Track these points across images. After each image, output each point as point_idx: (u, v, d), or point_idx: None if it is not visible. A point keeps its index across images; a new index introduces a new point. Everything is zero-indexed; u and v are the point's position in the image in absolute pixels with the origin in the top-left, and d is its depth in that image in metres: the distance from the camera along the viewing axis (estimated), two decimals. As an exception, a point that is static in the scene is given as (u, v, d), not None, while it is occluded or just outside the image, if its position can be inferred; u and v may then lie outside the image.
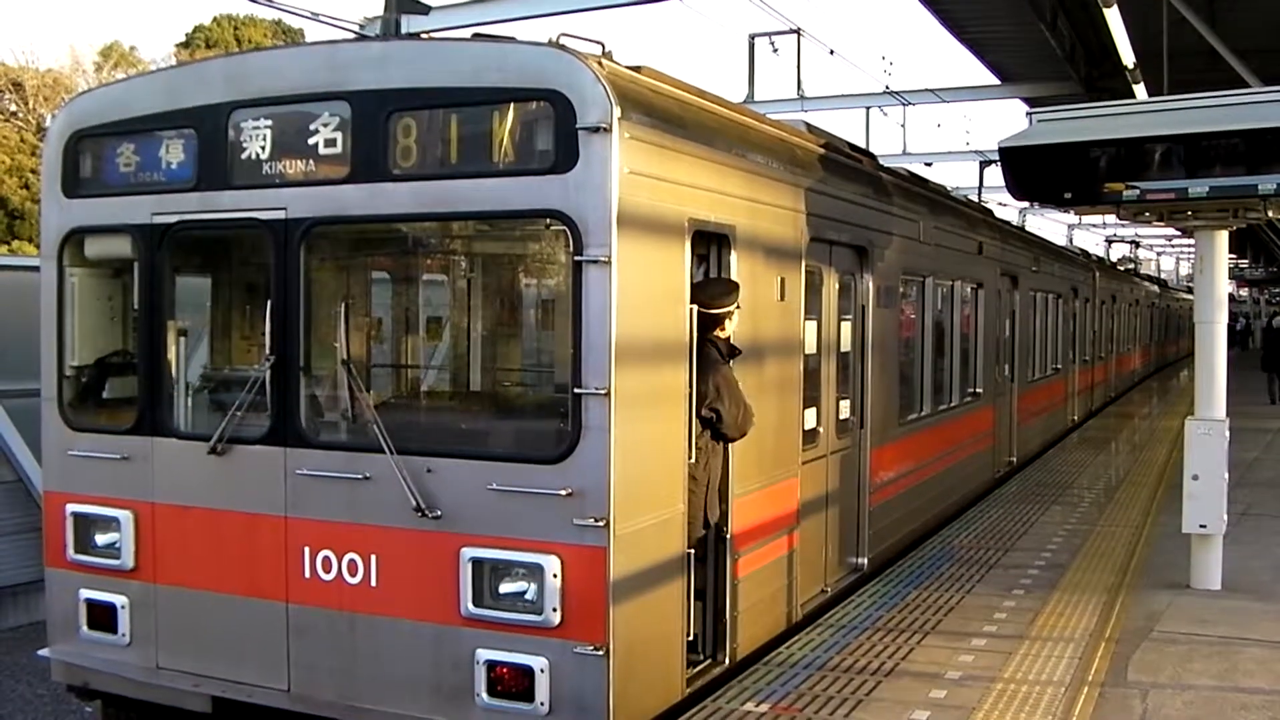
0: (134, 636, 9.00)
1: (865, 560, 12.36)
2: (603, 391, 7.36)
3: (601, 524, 7.39)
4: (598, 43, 8.03)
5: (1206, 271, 11.70)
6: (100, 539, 9.13)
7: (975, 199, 21.59)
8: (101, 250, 9.35)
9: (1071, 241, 51.94)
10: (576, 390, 7.43)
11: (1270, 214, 11.38)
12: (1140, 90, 24.09)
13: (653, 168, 7.86)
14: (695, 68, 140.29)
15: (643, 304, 7.77)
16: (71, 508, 9.21)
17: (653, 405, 7.97)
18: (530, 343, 9.94)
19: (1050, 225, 51.68)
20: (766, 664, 9.37)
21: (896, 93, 30.63)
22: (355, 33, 23.01)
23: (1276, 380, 34.35)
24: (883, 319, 12.56)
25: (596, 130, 7.33)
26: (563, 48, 7.67)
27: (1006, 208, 28.72)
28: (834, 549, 11.63)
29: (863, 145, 13.54)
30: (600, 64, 7.65)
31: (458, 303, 10.12)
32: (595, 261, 7.35)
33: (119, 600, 9.03)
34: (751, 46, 27.13)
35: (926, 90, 31.58)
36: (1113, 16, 19.19)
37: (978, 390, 17.41)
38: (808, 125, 11.91)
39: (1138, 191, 10.60)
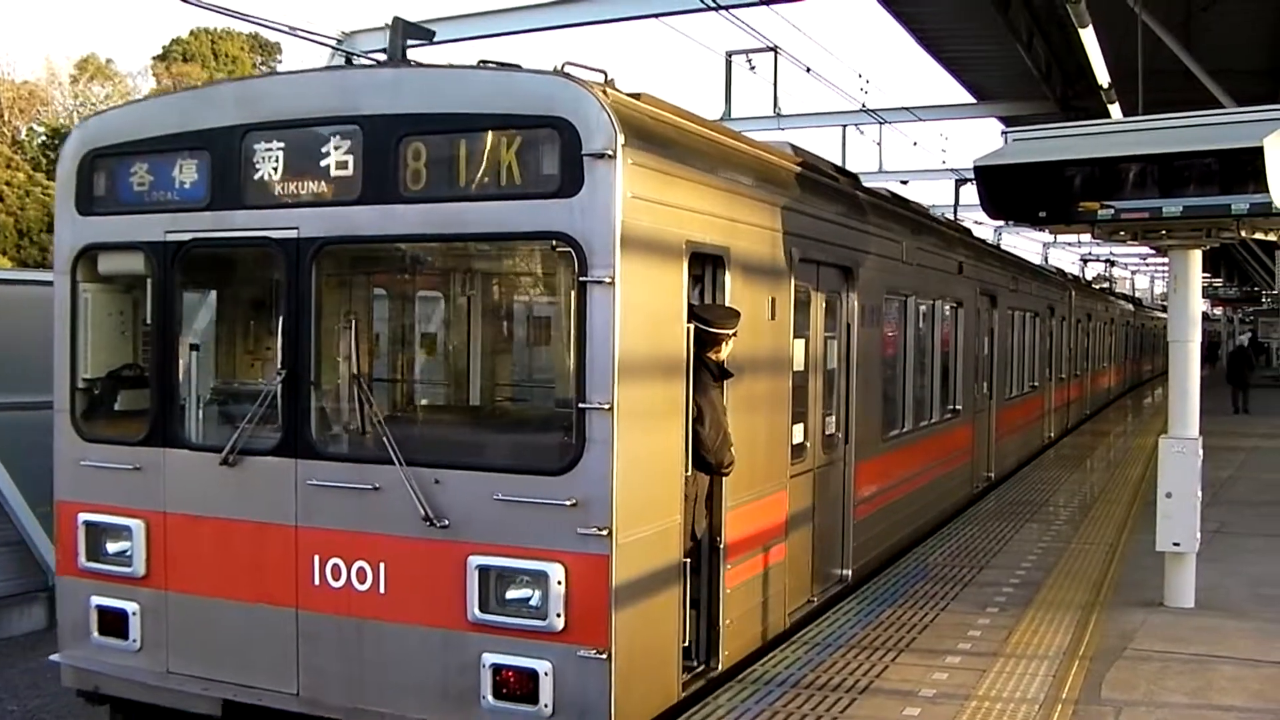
0: (145, 642, 9.21)
1: (850, 572, 12.59)
2: (606, 406, 7.66)
3: (605, 533, 7.67)
4: (600, 71, 8.35)
5: (1180, 290, 11.75)
6: (112, 547, 9.33)
7: (951, 217, 21.66)
8: (114, 266, 9.57)
9: (1047, 260, 52.19)
10: (581, 405, 7.71)
11: (1243, 233, 11.43)
12: (1115, 110, 24.22)
13: (653, 192, 8.12)
14: (673, 85, 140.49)
15: (644, 323, 8.08)
16: (83, 517, 9.42)
17: (652, 420, 8.26)
18: (535, 359, 10.28)
19: (1026, 244, 51.88)
20: (741, 681, 9.36)
21: (873, 111, 30.71)
22: (332, 47, 23.02)
23: (1240, 393, 38.09)
24: (867, 337, 12.85)
25: (601, 156, 7.63)
26: (568, 76, 7.98)
27: (982, 226, 28.81)
28: (820, 561, 11.84)
29: (839, 164, 13.63)
30: (605, 92, 7.94)
31: (464, 320, 10.28)
32: (599, 282, 7.65)
33: (130, 607, 9.23)
34: (729, 65, 27.20)
35: (903, 109, 31.68)
36: (1088, 37, 19.29)
37: (957, 407, 17.75)
38: (793, 147, 12.13)
39: (1112, 211, 10.63)
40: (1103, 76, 22.25)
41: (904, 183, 37.72)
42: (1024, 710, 8.78)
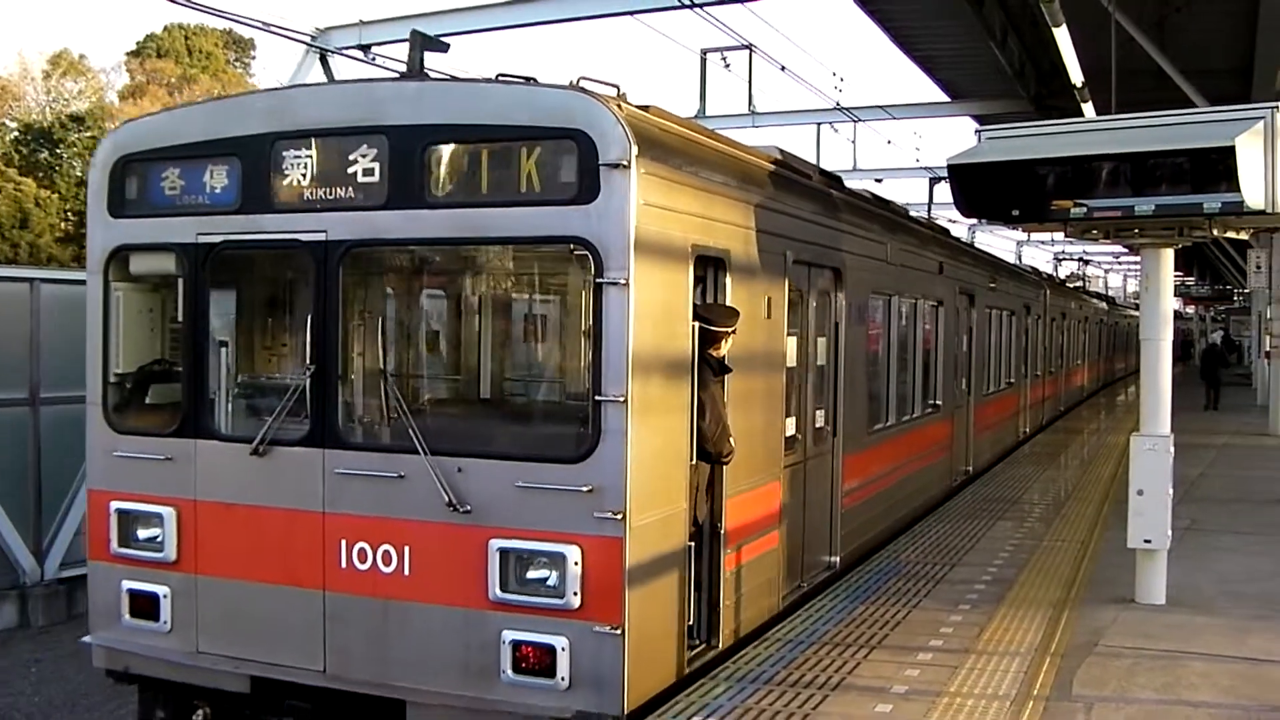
0: (175, 623, 9.66)
1: (837, 559, 13.09)
2: (621, 399, 8.22)
3: (619, 517, 8.21)
4: (614, 85, 8.91)
5: (1152, 289, 11.79)
6: (143, 534, 9.79)
7: (925, 215, 21.80)
8: (145, 266, 10.10)
9: (1021, 258, 52.33)
10: (597, 397, 8.28)
11: (1215, 232, 11.46)
12: (1089, 109, 24.30)
13: (663, 199, 8.67)
14: (648, 83, 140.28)
15: (654, 321, 8.62)
16: (115, 505, 9.88)
17: (662, 412, 8.80)
18: (552, 355, 10.71)
19: (1000, 242, 51.97)
20: (713, 678, 9.37)
21: (847, 109, 30.76)
22: (306, 43, 22.98)
23: (1212, 390, 38.80)
24: (854, 335, 13.43)
25: (617, 166, 8.17)
26: (585, 91, 8.55)
27: (956, 224, 28.90)
28: (810, 548, 12.42)
29: (813, 162, 13.87)
30: (620, 106, 8.50)
31: (483, 318, 10.71)
32: (614, 283, 8.21)
33: (161, 590, 9.70)
34: (704, 62, 27.20)
35: (877, 107, 31.73)
36: (1062, 36, 19.36)
37: (938, 403, 18.25)
38: (781, 151, 12.43)
39: (1085, 209, 10.66)
40: (1076, 76, 22.33)
41: (878, 181, 37.78)
42: (995, 707, 8.81)
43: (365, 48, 23.91)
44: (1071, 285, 48.08)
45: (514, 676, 8.45)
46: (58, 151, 61.81)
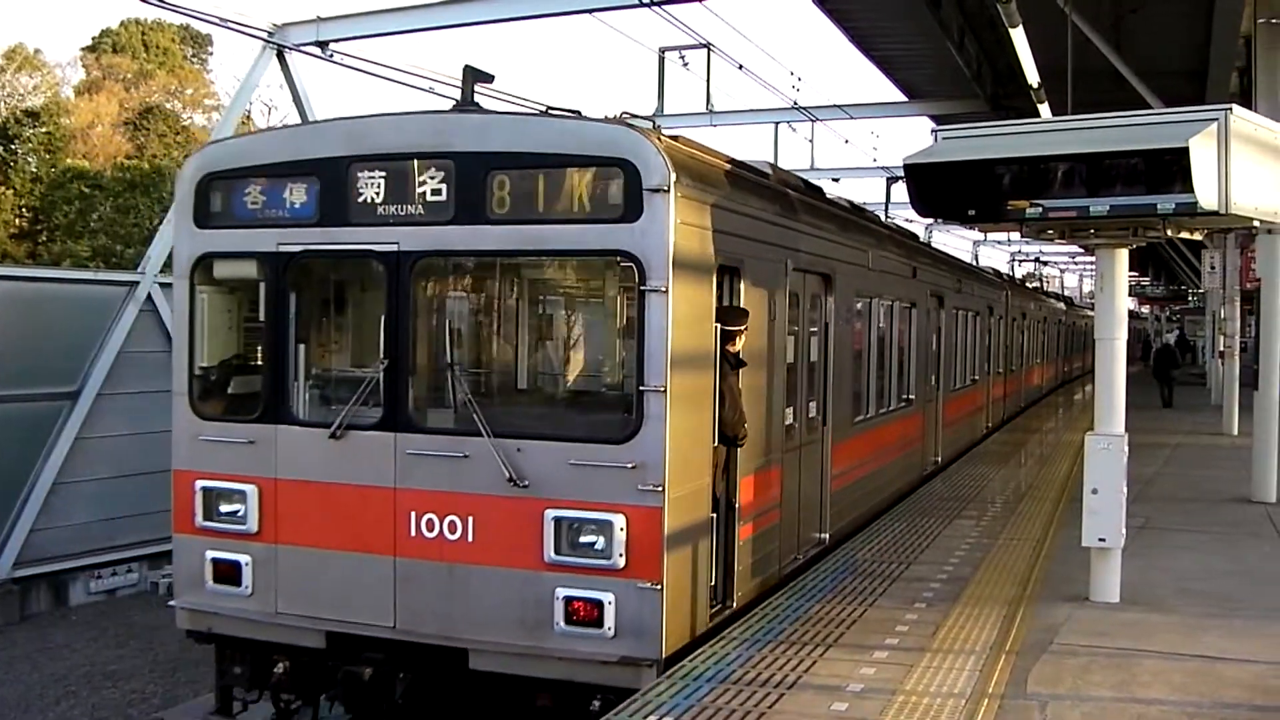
0: (256, 588, 10.91)
1: (828, 536, 14.44)
2: (660, 389, 9.63)
3: (659, 489, 9.59)
4: (650, 119, 10.68)
5: (1107, 289, 11.85)
6: (226, 508, 11.01)
7: (882, 215, 21.99)
8: (227, 272, 11.38)
9: (977, 259, 52.55)
10: (640, 387, 9.69)
11: (1169, 233, 11.52)
12: (1045, 110, 24.43)
13: (694, 218, 10.08)
14: (606, 81, 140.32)
15: (686, 322, 9.94)
16: (200, 483, 11.13)
17: (692, 400, 10.15)
18: (600, 351, 11.83)
19: (957, 241, 52.17)
20: (670, 677, 9.37)
21: (805, 109, 30.81)
22: (263, 40, 22.86)
23: (1166, 388, 39.53)
24: (841, 334, 14.84)
25: (658, 190, 9.56)
26: (629, 125, 10.06)
27: (913, 224, 28.98)
28: (805, 524, 13.72)
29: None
30: (659, 139, 10.00)
31: (538, 319, 11.97)
32: (656, 290, 9.61)
33: (243, 558, 10.94)
34: (662, 61, 27.17)
35: (834, 106, 31.81)
36: (1018, 37, 19.44)
37: (911, 397, 19.73)
38: (771, 166, 13.82)
39: (1040, 209, 10.67)
40: (1033, 76, 22.44)
41: (835, 180, 37.91)
42: (950, 705, 8.83)
43: (323, 44, 23.83)
44: (1031, 286, 48.53)
45: (566, 628, 9.80)
46: (12, 147, 61.24)
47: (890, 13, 24.39)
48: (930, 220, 25.64)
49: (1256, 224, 11.74)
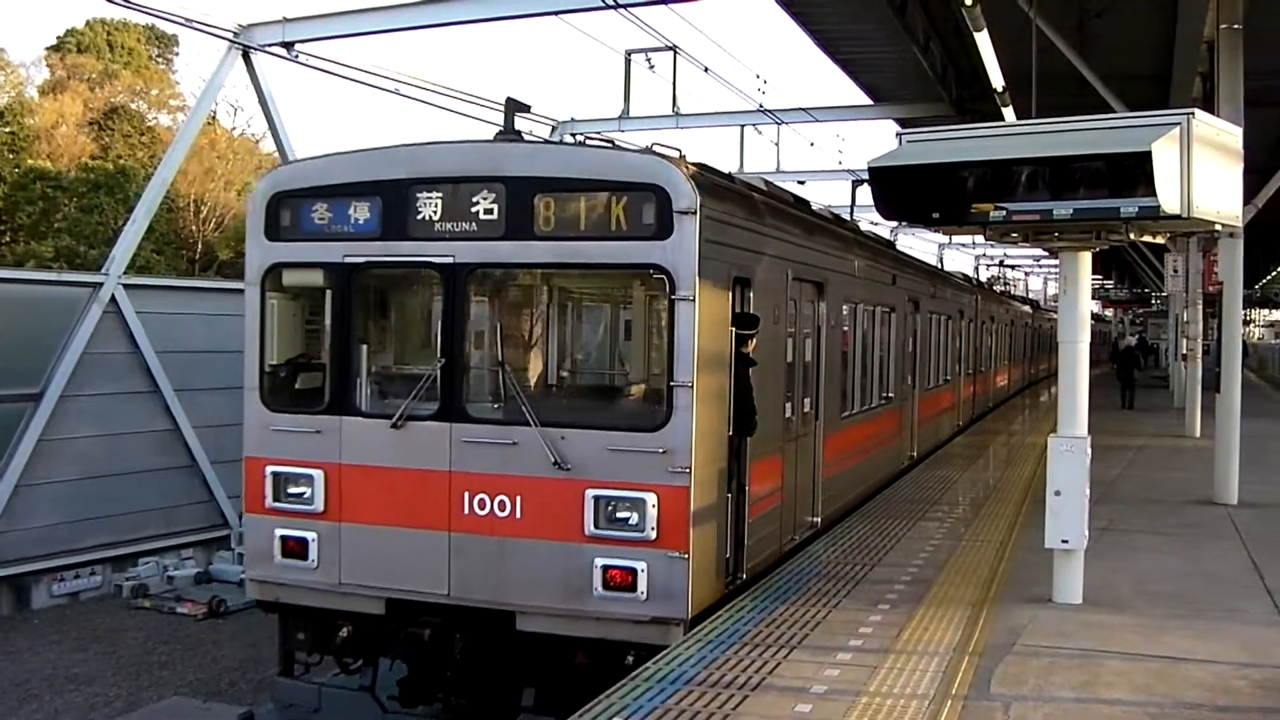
0: (321, 561, 12.15)
1: (819, 519, 15.73)
2: (688, 384, 10.99)
3: (686, 471, 10.95)
4: (676, 149, 11.83)
5: (1070, 291, 11.89)
6: (294, 490, 12.26)
7: (848, 217, 22.12)
8: (295, 280, 12.70)
9: (943, 261, 52.70)
10: (670, 383, 11.05)
11: (1132, 236, 11.58)
12: (1009, 113, 24.51)
13: (716, 236, 11.39)
14: (572, 83, 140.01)
15: (709, 327, 11.30)
16: (270, 469, 12.36)
17: (712, 394, 11.50)
18: (634, 351, 13.11)
19: (922, 244, 52.32)
20: (634, 679, 9.39)
21: (770, 111, 30.89)
22: (229, 40, 22.78)
23: (1127, 390, 39.84)
24: (831, 336, 16.21)
25: (686, 212, 10.90)
26: (660, 155, 11.41)
27: (878, 226, 29.08)
28: (800, 508, 15.08)
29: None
30: (687, 166, 11.37)
31: (579, 323, 13.62)
32: (684, 299, 10.95)
33: (310, 535, 12.17)
34: (628, 64, 27.21)
35: (800, 109, 31.86)
36: (983, 40, 19.53)
37: (891, 395, 21.05)
38: (765, 183, 15.14)
39: (1004, 213, 10.69)
40: (997, 80, 22.55)
41: (801, 183, 37.94)
42: (914, 706, 8.86)
43: (289, 45, 23.79)
44: (999, 291, 48.91)
45: (603, 592, 11.12)
46: (-24, 147, 60.84)
47: (855, 16, 24.43)
48: (895, 223, 25.74)
49: (1218, 227, 11.83)
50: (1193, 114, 10.15)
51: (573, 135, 11.76)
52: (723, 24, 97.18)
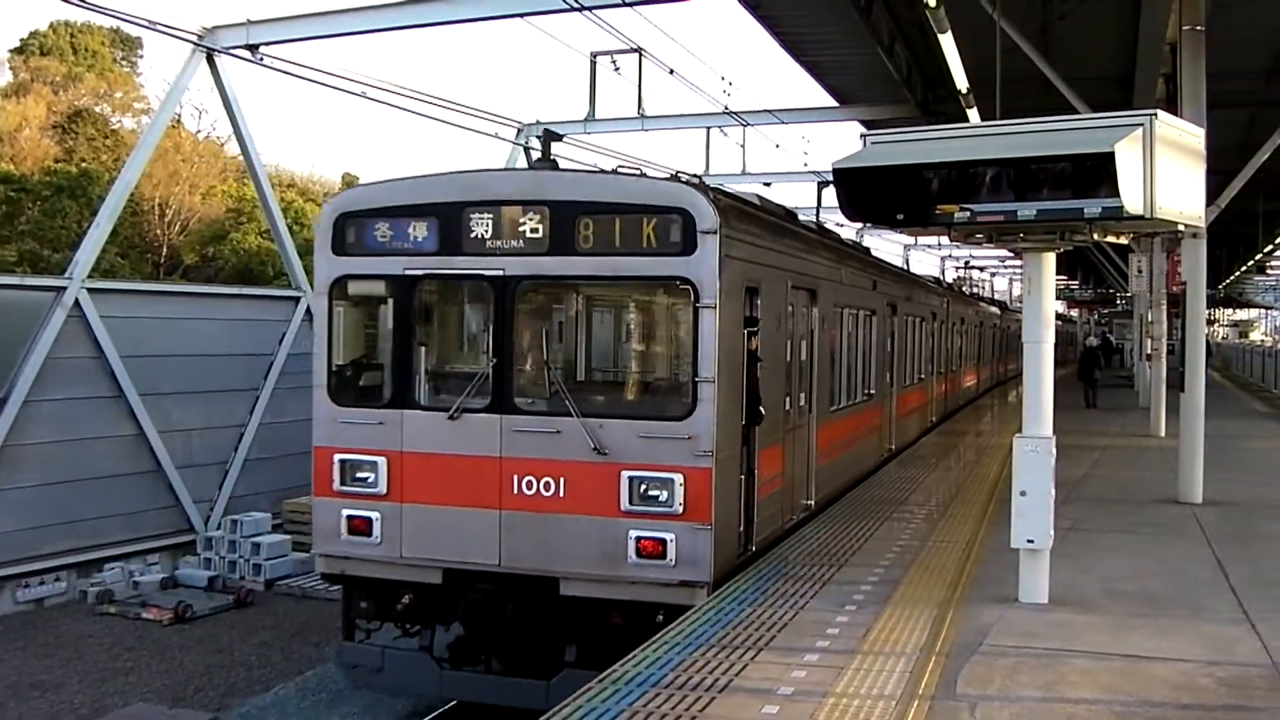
0: (384, 538, 13.58)
1: (813, 502, 17.27)
2: (710, 379, 12.59)
3: (709, 454, 12.55)
4: (697, 176, 13.95)
5: (1034, 292, 11.93)
6: (360, 475, 13.68)
7: (814, 219, 22.28)
8: (359, 290, 14.28)
9: (908, 263, 52.86)
10: (695, 379, 12.65)
11: (1096, 237, 11.62)
12: (974, 115, 24.57)
13: (733, 252, 12.95)
14: (537, 85, 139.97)
15: (727, 330, 12.91)
16: (338, 456, 13.77)
17: (729, 388, 13.04)
18: (663, 351, 14.31)
19: (887, 245, 52.45)
20: (601, 681, 9.38)
21: (736, 113, 30.91)
22: (193, 43, 22.68)
23: (1090, 389, 40.49)
24: (823, 338, 17.81)
25: (709, 232, 12.48)
26: (686, 182, 13.19)
27: (844, 228, 29.15)
28: (798, 491, 16.63)
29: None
30: (708, 191, 13.16)
31: (615, 328, 15.03)
32: (707, 306, 12.55)
33: (374, 514, 13.60)
34: (593, 65, 27.22)
35: (765, 111, 31.90)
36: (947, 42, 19.58)
37: (872, 392, 22.51)
38: (759, 198, 16.81)
39: (969, 214, 10.72)
40: (962, 82, 22.61)
41: (766, 185, 38.00)
42: (881, 706, 8.88)
43: (253, 48, 23.69)
44: (969, 293, 49.30)
45: (636, 560, 12.66)
46: (-62, 150, 60.42)
47: (820, 18, 24.46)
48: (861, 225, 25.82)
49: (1181, 228, 11.87)
50: (1156, 115, 10.18)
51: (606, 168, 13.29)
52: (688, 26, 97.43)
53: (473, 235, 13.24)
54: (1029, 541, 11.86)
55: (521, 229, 13.08)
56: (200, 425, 25.11)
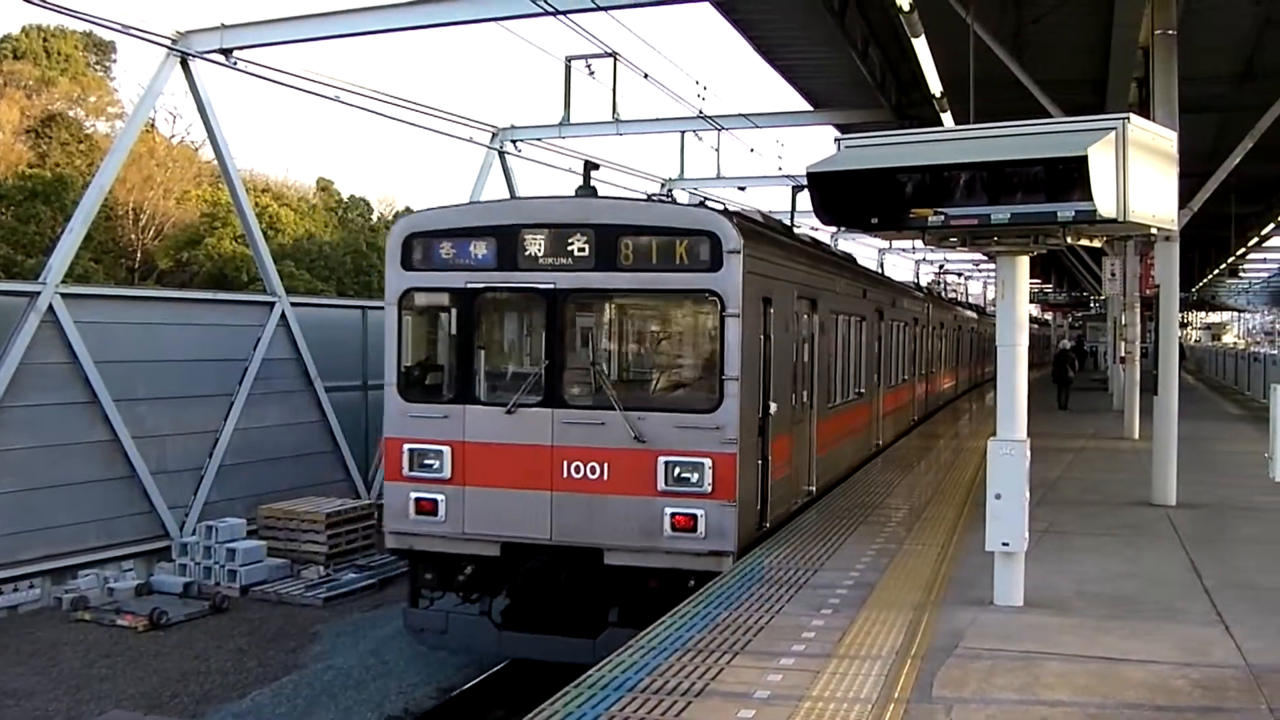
0: (448, 517, 15.43)
1: (814, 488, 19.12)
2: (736, 378, 14.48)
3: (734, 442, 14.43)
4: (720, 202, 16.47)
5: (1008, 295, 11.96)
6: (427, 462, 15.54)
7: (788, 223, 22.29)
8: (426, 301, 16.28)
9: (883, 266, 53.02)
10: (722, 377, 14.52)
11: (1069, 240, 11.66)
12: (948, 118, 24.62)
13: (754, 268, 14.84)
14: (511, 89, 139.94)
15: (750, 336, 14.84)
16: (407, 446, 15.64)
17: (750, 385, 14.94)
18: (693, 353, 15.94)
19: (862, 249, 52.52)
20: (577, 686, 9.38)
21: (710, 118, 30.90)
22: (167, 47, 22.58)
23: (1062, 391, 41.84)
24: (822, 341, 19.76)
25: (733, 252, 14.36)
26: (712, 209, 15.63)
27: (819, 231, 29.19)
28: (801, 478, 18.43)
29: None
30: (732, 216, 15.28)
31: (652, 334, 16.70)
32: (732, 315, 14.45)
33: (440, 497, 15.45)
34: (568, 70, 27.19)
35: (740, 115, 31.92)
36: (921, 46, 19.61)
37: (862, 391, 24.34)
38: (761, 214, 19.80)
39: (943, 218, 10.74)
40: (935, 86, 22.67)
41: (741, 189, 38.10)
42: (857, 710, 8.90)
43: (227, 52, 23.60)
44: (948, 298, 49.81)
45: (671, 533, 14.44)
46: (-91, 156, 60.03)
47: (795, 22, 24.50)
48: (835, 229, 25.87)
49: (1154, 231, 11.90)
50: (1128, 119, 10.23)
51: (647, 194, 15.72)
52: (662, 31, 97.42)
53: (527, 253, 15.10)
54: (1004, 544, 11.90)
55: (570, 248, 14.92)
56: (175, 431, 24.91)
